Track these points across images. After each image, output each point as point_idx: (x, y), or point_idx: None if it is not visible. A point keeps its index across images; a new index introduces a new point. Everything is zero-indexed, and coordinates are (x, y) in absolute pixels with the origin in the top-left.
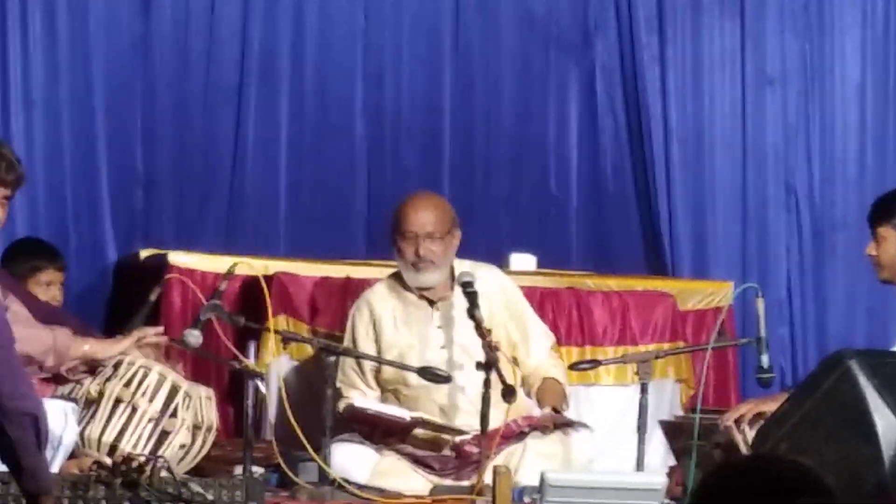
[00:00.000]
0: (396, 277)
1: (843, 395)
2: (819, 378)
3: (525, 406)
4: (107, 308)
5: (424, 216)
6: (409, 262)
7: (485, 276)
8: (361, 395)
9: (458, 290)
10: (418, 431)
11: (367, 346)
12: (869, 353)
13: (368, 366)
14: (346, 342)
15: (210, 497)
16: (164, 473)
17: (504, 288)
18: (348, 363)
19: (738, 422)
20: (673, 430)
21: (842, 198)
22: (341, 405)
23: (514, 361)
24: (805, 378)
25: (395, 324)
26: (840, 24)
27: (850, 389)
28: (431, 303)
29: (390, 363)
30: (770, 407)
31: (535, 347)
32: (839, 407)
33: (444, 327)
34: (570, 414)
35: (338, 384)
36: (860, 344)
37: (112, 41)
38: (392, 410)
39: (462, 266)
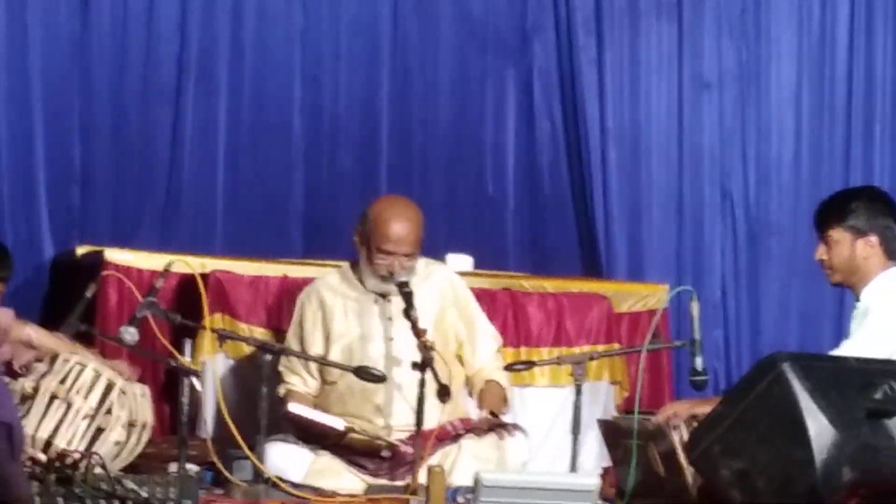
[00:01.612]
0: (349, 269)
1: (777, 398)
2: (752, 381)
3: (463, 407)
4: (43, 305)
5: (405, 237)
6: (378, 273)
7: (437, 273)
8: (302, 382)
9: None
10: (353, 436)
11: (313, 334)
12: (802, 356)
13: (312, 353)
14: (293, 328)
15: (144, 494)
16: (98, 470)
17: (455, 287)
18: (292, 348)
19: (672, 423)
20: (611, 431)
21: (776, 202)
22: (281, 390)
23: (460, 360)
24: (739, 381)
25: (344, 315)
26: (776, 30)
27: (784, 393)
28: (384, 296)
29: (325, 362)
30: (704, 409)
31: (481, 349)
32: (772, 410)
33: (393, 322)
34: (506, 416)
35: (280, 368)
36: (794, 347)
37: (50, 38)
38: (326, 419)
39: (417, 263)
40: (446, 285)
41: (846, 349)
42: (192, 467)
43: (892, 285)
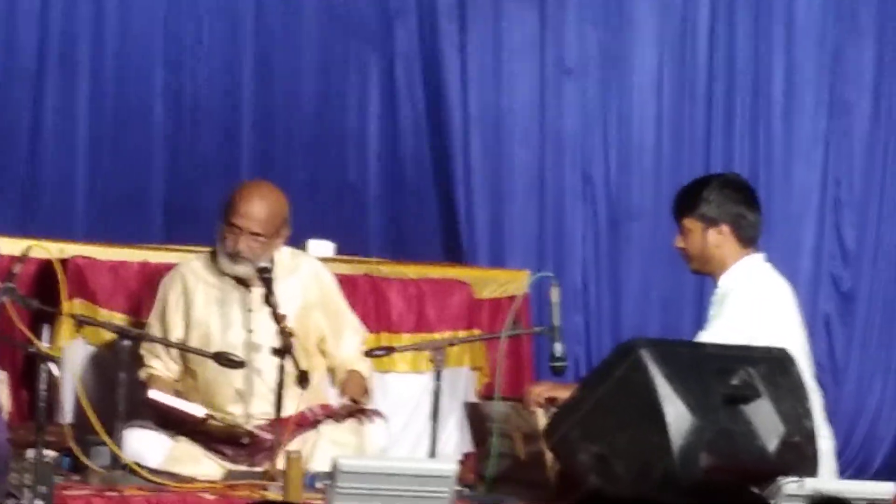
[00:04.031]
0: (214, 255)
1: (635, 383)
2: (611, 366)
3: (323, 395)
4: None
5: (254, 215)
6: (226, 250)
7: (303, 264)
8: (163, 366)
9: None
10: (213, 423)
11: (174, 318)
12: (661, 342)
13: (173, 338)
14: (155, 311)
15: None
16: None
17: (320, 279)
18: (154, 332)
19: (533, 405)
20: (476, 415)
21: (638, 188)
22: (142, 374)
23: (322, 353)
24: (597, 366)
25: (205, 302)
26: (638, 16)
27: (641, 378)
28: (247, 285)
29: (184, 348)
30: (564, 393)
31: (345, 341)
32: (630, 395)
33: (255, 311)
34: (367, 405)
35: (141, 351)
36: (654, 333)
37: None
38: (185, 406)
39: (282, 254)
40: (311, 276)
41: (705, 336)
42: (49, 453)
43: (749, 272)
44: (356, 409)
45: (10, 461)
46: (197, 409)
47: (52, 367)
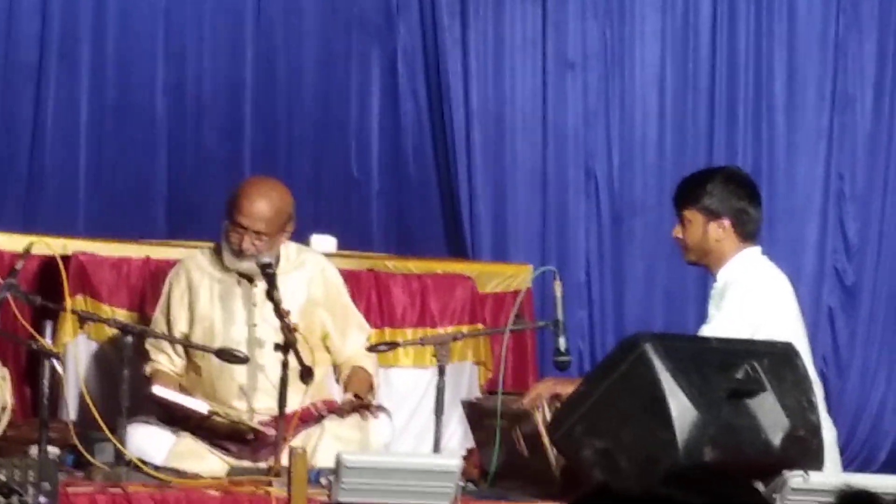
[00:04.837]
0: (218, 250)
1: (639, 378)
2: (615, 361)
3: (327, 391)
4: None
5: (258, 213)
6: (231, 248)
7: (308, 260)
8: (168, 361)
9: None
10: (216, 419)
11: (179, 312)
12: (665, 336)
13: (177, 332)
14: (161, 306)
15: (2, 477)
16: None
17: (325, 275)
18: (160, 326)
19: (536, 403)
20: (475, 412)
21: (641, 182)
22: (147, 368)
23: (326, 349)
24: (601, 361)
25: (209, 296)
26: (640, 10)
27: (646, 373)
28: (250, 280)
29: (187, 344)
30: (567, 389)
31: (350, 338)
32: (635, 390)
33: (259, 306)
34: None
35: (147, 346)
36: (658, 328)
37: None
38: (189, 402)
39: (288, 249)
40: (317, 273)
41: (707, 330)
42: (53, 450)
43: (747, 265)
44: (360, 405)
45: None
46: (201, 405)
47: (56, 363)
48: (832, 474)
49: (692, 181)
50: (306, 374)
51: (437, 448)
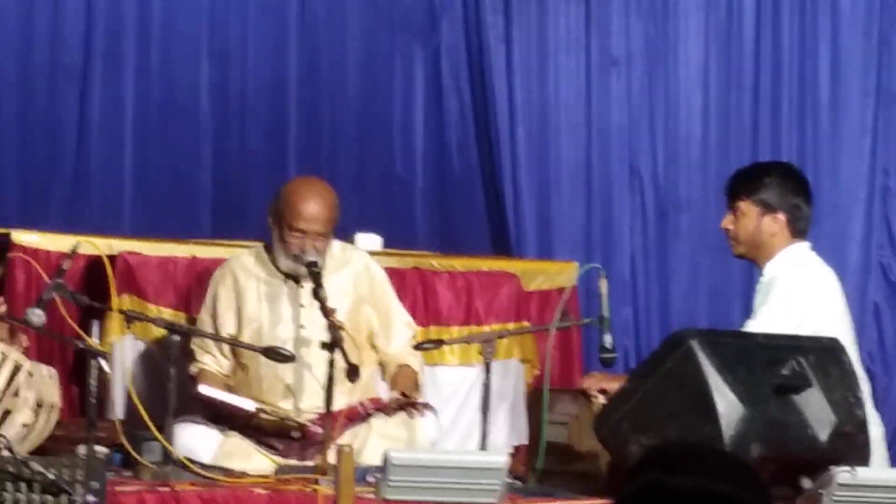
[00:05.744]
0: (263, 250)
1: (685, 374)
2: (661, 358)
3: (374, 389)
4: None
5: (317, 216)
6: (290, 253)
7: (353, 258)
8: (214, 361)
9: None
10: (264, 417)
11: (226, 314)
12: (710, 332)
13: (224, 334)
14: (206, 307)
15: (51, 476)
16: (5, 453)
17: (371, 273)
18: (206, 328)
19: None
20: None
21: (685, 179)
22: (193, 369)
23: (372, 347)
24: (647, 357)
25: (257, 297)
26: (684, 7)
27: (692, 369)
28: (296, 280)
29: (234, 343)
30: (613, 385)
31: (395, 336)
32: (680, 386)
33: (306, 306)
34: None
35: (192, 346)
36: (703, 324)
37: None
38: (236, 401)
39: (333, 247)
40: (362, 271)
41: (753, 325)
42: (100, 449)
43: (795, 260)
44: (406, 403)
45: None
46: (247, 404)
47: (103, 362)
48: (880, 470)
49: (749, 173)
50: (353, 373)
51: (483, 445)
